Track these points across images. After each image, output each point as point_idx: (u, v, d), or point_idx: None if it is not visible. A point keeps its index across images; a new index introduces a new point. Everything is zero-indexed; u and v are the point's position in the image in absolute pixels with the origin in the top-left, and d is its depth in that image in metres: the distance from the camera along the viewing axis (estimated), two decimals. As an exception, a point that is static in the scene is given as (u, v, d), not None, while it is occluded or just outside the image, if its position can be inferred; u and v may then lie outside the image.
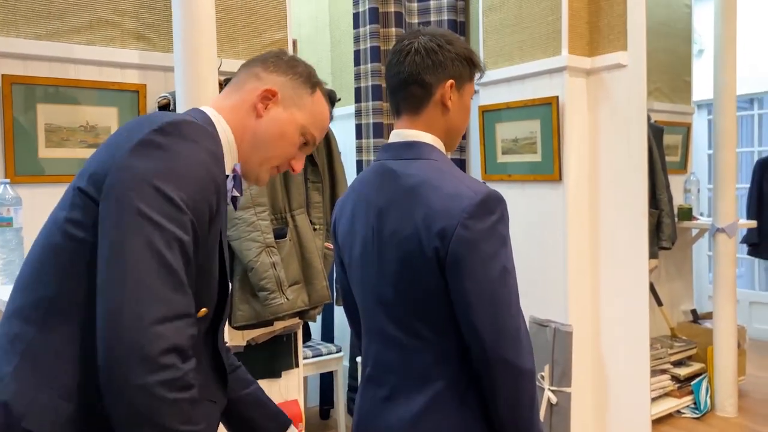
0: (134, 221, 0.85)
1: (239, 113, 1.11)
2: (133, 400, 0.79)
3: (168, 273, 0.85)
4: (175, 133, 0.93)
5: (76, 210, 0.92)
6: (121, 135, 0.95)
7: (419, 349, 1.19)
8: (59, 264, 0.93)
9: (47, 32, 1.94)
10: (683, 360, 3.58)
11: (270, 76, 1.13)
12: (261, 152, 1.13)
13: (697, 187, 4.00)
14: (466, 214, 1.10)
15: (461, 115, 1.28)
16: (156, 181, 0.87)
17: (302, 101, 1.15)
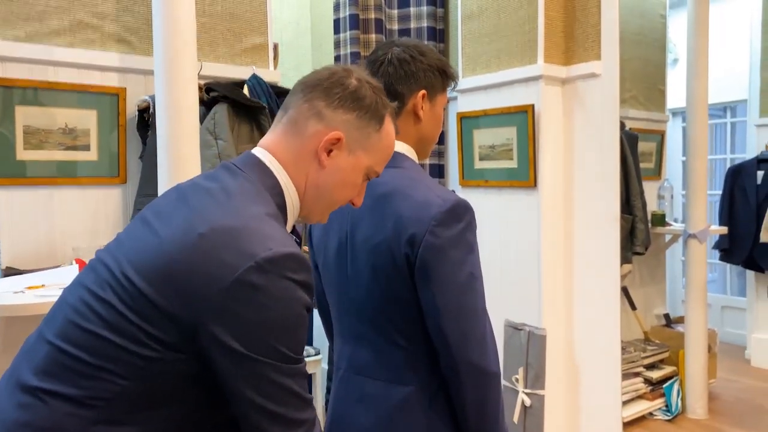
0: (258, 372, 0.88)
1: (302, 163, 1.01)
2: None
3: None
4: (275, 273, 0.87)
5: (143, 319, 0.88)
6: (208, 251, 0.87)
7: (390, 352, 1.22)
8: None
9: (26, 34, 1.94)
10: (656, 363, 3.65)
11: (335, 115, 1.01)
12: (324, 201, 1.06)
13: (670, 193, 4.08)
14: (435, 221, 1.14)
15: (433, 124, 1.32)
16: (260, 333, 0.87)
17: (369, 141, 1.05)
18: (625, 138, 3.61)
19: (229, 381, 0.89)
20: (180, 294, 0.86)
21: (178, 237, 0.89)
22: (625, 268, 3.75)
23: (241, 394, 0.88)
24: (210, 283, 0.85)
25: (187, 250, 0.87)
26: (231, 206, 0.92)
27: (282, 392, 0.90)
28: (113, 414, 0.89)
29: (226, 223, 0.89)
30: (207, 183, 0.97)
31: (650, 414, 3.42)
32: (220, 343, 0.86)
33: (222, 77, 2.29)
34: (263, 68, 2.42)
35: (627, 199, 3.57)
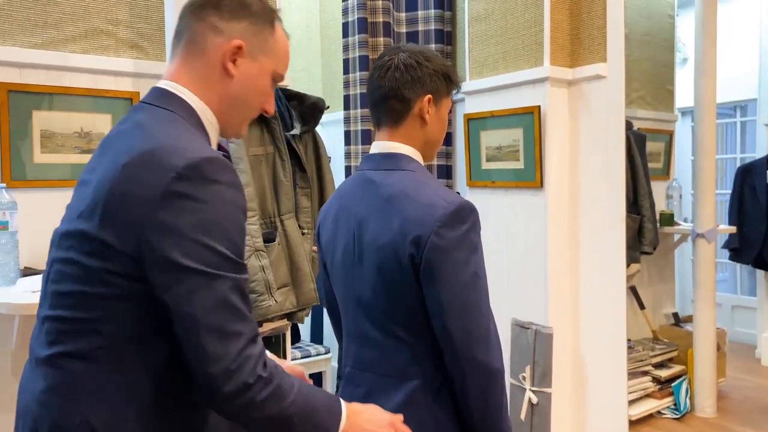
0: (194, 282, 0.91)
1: (209, 82, 1.06)
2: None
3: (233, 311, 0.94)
4: (196, 178, 0.92)
5: (94, 257, 0.94)
6: (132, 176, 0.93)
7: (396, 349, 1.26)
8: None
9: (43, 41, 1.99)
10: (664, 362, 3.66)
11: (230, 26, 1.05)
12: (239, 111, 1.10)
13: (679, 193, 4.09)
14: (440, 223, 1.18)
15: (438, 127, 1.36)
16: (197, 236, 0.91)
17: (267, 45, 1.10)
18: (633, 138, 3.63)
19: (169, 299, 0.92)
20: (119, 224, 0.92)
21: (106, 176, 0.95)
22: (634, 267, 3.77)
23: (180, 312, 0.92)
24: (141, 204, 0.91)
25: (115, 183, 0.93)
26: (146, 134, 0.97)
27: (220, 302, 0.92)
28: (116, 360, 0.96)
29: (143, 148, 0.94)
30: (121, 126, 1.03)
31: (658, 412, 3.44)
32: (159, 259, 0.91)
33: (233, 81, 2.33)
34: (273, 72, 2.46)
35: (635, 198, 3.58)
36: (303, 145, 2.41)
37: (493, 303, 2.78)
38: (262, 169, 2.28)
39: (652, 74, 3.96)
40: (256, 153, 2.26)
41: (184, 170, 0.92)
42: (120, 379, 0.96)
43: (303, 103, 2.41)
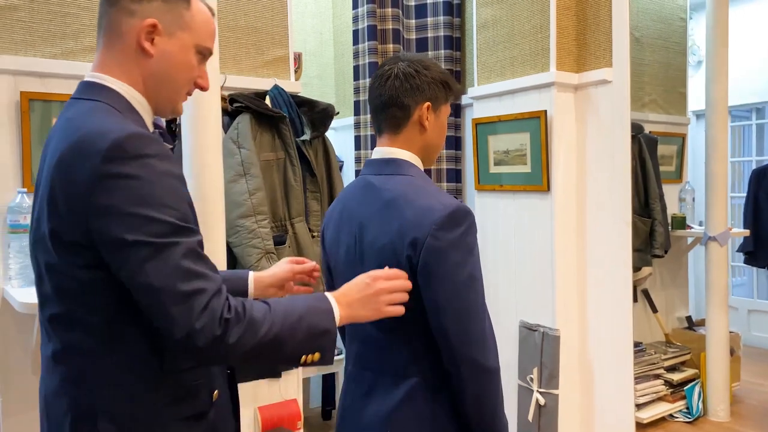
0: (143, 253, 0.94)
1: (130, 64, 1.07)
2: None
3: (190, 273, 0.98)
4: (122, 157, 0.95)
5: (57, 252, 1.00)
6: (65, 171, 0.96)
7: (395, 348, 1.30)
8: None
9: (63, 51, 2.08)
10: (677, 365, 3.66)
11: (142, 7, 1.07)
12: (166, 89, 1.12)
13: (692, 196, 4.08)
14: (436, 225, 1.22)
15: (438, 133, 1.40)
16: (136, 210, 0.94)
17: (184, 20, 1.10)
18: (644, 141, 3.64)
19: (125, 276, 0.96)
20: (66, 218, 0.97)
21: (45, 178, 1.00)
22: (645, 270, 3.77)
23: (135, 284, 0.96)
24: (78, 194, 0.95)
25: (53, 182, 0.97)
26: (72, 127, 1.00)
27: (173, 271, 0.95)
28: (110, 347, 1.02)
29: (69, 141, 0.97)
30: (55, 126, 1.06)
31: (671, 416, 3.43)
32: (107, 241, 0.95)
33: (245, 89, 2.40)
34: (284, 79, 2.53)
35: (646, 202, 3.59)
36: (313, 151, 2.47)
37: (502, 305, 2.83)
38: (273, 173, 2.34)
39: (664, 78, 3.97)
40: (267, 158, 2.32)
41: (108, 151, 0.94)
42: (118, 362, 1.02)
43: (313, 110, 2.47)
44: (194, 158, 1.87)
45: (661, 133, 3.88)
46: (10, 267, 1.96)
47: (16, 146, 2.00)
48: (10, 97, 1.99)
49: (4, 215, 1.97)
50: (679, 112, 4.06)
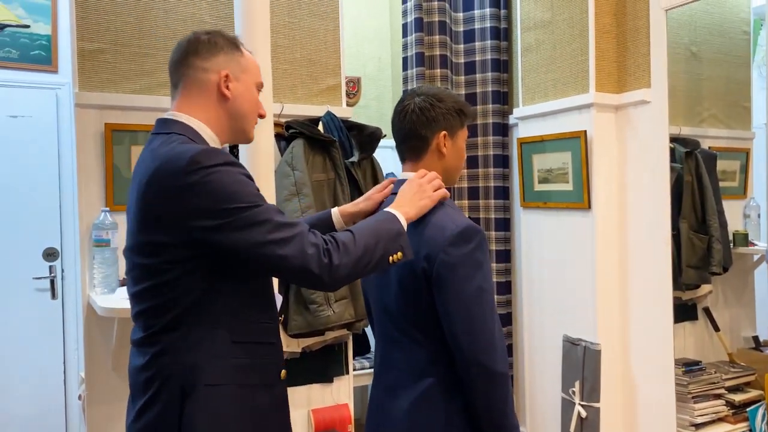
0: (242, 226, 1.20)
1: (210, 107, 1.35)
2: None
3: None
4: (198, 168, 1.20)
5: (155, 256, 1.26)
6: (154, 189, 1.22)
7: (415, 351, 1.45)
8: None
9: (140, 87, 2.36)
10: (740, 386, 3.57)
11: (213, 63, 1.35)
12: (242, 122, 1.40)
13: (757, 212, 3.97)
14: (447, 242, 1.37)
15: (456, 157, 1.55)
16: (224, 205, 1.20)
17: (242, 66, 1.39)
18: (701, 157, 3.60)
19: (232, 246, 1.21)
20: (163, 224, 1.22)
21: (136, 198, 1.26)
22: (704, 288, 3.70)
23: (246, 248, 1.21)
24: (170, 205, 1.21)
25: (145, 195, 1.23)
26: (154, 156, 1.26)
27: (266, 225, 1.21)
28: (195, 323, 1.27)
29: (156, 167, 1.23)
30: (140, 158, 1.32)
31: (732, 437, 3.36)
32: (205, 229, 1.20)
33: (301, 115, 2.62)
34: (336, 106, 2.74)
35: (703, 218, 3.54)
36: (362, 171, 2.66)
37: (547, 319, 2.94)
38: (324, 193, 2.55)
39: (725, 92, 3.90)
40: (318, 179, 2.53)
41: (187, 167, 1.19)
42: (204, 334, 1.27)
43: (362, 133, 2.67)
44: (249, 180, 2.09)
45: (722, 149, 3.81)
46: (95, 276, 2.25)
47: (100, 171, 2.30)
48: (97, 128, 2.28)
49: (90, 231, 2.26)
50: (743, 127, 3.97)
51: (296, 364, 2.62)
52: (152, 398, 1.27)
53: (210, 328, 1.28)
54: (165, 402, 1.26)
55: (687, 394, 3.30)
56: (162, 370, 1.27)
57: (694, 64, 3.72)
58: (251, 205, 1.22)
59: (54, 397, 3.33)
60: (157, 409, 1.27)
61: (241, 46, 1.42)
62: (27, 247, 3.27)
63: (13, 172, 3.24)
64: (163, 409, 1.26)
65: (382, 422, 1.50)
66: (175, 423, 1.25)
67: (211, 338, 1.28)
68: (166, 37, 2.40)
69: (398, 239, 1.34)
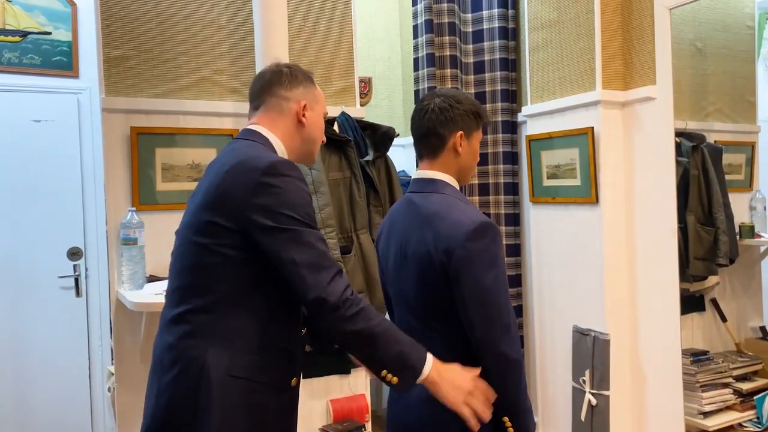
0: (288, 237, 1.35)
1: (288, 129, 1.56)
2: None
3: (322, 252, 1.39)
4: (275, 173, 1.37)
5: (210, 236, 1.40)
6: (232, 178, 1.39)
7: (432, 338, 1.54)
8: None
9: (163, 91, 2.46)
10: (747, 375, 3.64)
11: (293, 92, 1.57)
12: (311, 145, 1.62)
13: (763, 204, 4.03)
14: (465, 237, 1.45)
15: (471, 157, 1.64)
16: (283, 210, 1.35)
17: (316, 98, 1.61)
18: (706, 151, 3.67)
19: (272, 251, 1.35)
20: (227, 210, 1.37)
21: (213, 181, 1.41)
22: (712, 279, 3.77)
23: (282, 259, 1.35)
24: (241, 195, 1.36)
25: (220, 184, 1.39)
26: (238, 153, 1.44)
27: (308, 248, 1.35)
28: (227, 311, 1.39)
29: (237, 160, 1.41)
30: (221, 153, 1.51)
31: (740, 425, 3.43)
32: (258, 226, 1.35)
33: (316, 116, 2.71)
34: (351, 106, 2.83)
35: (709, 211, 3.61)
36: (376, 170, 2.75)
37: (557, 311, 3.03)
38: (340, 191, 2.64)
39: (730, 87, 3.96)
40: (335, 177, 2.62)
41: (267, 169, 1.37)
42: (232, 324, 1.39)
43: (375, 133, 2.76)
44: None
45: (728, 142, 3.88)
46: (123, 273, 2.35)
47: (127, 172, 2.40)
48: (123, 131, 2.38)
49: (118, 230, 2.36)
50: (748, 121, 4.03)
51: (315, 357, 2.71)
52: (175, 379, 1.39)
53: (239, 321, 1.39)
54: (186, 385, 1.38)
55: (695, 383, 3.38)
56: (187, 351, 1.39)
57: (699, 59, 3.79)
58: (305, 222, 1.37)
59: (79, 390, 3.45)
60: (180, 391, 1.39)
61: (314, 81, 1.64)
62: (52, 247, 3.38)
63: (38, 173, 3.35)
64: (183, 391, 1.38)
65: (403, 408, 1.59)
66: (191, 406, 1.37)
67: (236, 331, 1.38)
68: (186, 42, 2.50)
69: (406, 370, 1.41)
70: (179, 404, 1.39)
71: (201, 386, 1.36)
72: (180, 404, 1.38)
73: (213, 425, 1.35)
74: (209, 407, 1.35)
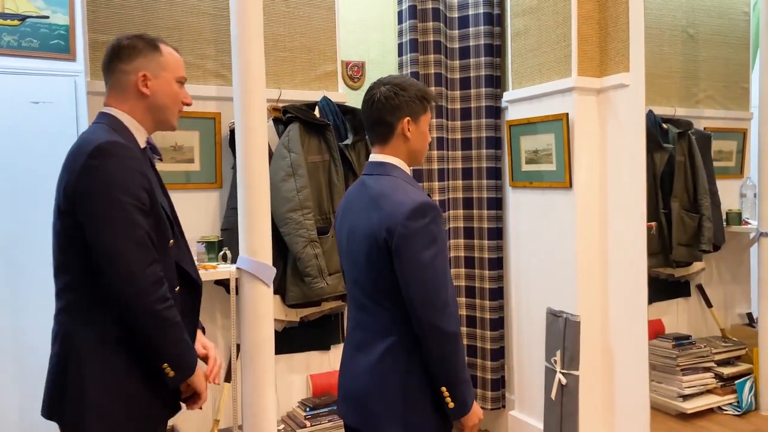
0: (104, 223, 1.43)
1: (131, 103, 1.59)
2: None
3: (142, 247, 1.46)
4: (103, 154, 1.44)
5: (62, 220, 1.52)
6: (68, 161, 1.48)
7: (380, 313, 1.63)
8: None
9: (147, 76, 2.55)
10: (731, 360, 3.69)
11: (132, 64, 1.58)
12: (162, 113, 1.63)
13: (753, 191, 4.04)
14: (405, 216, 1.53)
15: (420, 140, 1.71)
16: (106, 191, 1.42)
17: (161, 64, 1.61)
18: (695, 137, 3.69)
19: (88, 232, 1.43)
20: (65, 194, 1.46)
21: (62, 167, 1.52)
22: (696, 265, 3.81)
23: (96, 245, 1.44)
24: (71, 178, 1.45)
25: (63, 167, 1.50)
26: (81, 137, 1.53)
27: (125, 236, 1.43)
28: (85, 290, 1.49)
29: (76, 145, 1.50)
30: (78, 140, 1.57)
31: (719, 408, 3.49)
32: (83, 211, 1.44)
33: (299, 101, 2.78)
34: (333, 91, 2.90)
35: (695, 197, 3.64)
36: (356, 153, 2.82)
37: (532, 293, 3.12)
38: (319, 173, 2.72)
39: (722, 73, 3.96)
40: (314, 160, 2.70)
41: (92, 152, 1.44)
42: (92, 301, 1.48)
43: (356, 117, 2.83)
44: (244, 161, 2.28)
45: (719, 129, 3.89)
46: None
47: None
48: (107, 114, 2.48)
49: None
50: (741, 107, 4.03)
51: (295, 333, 2.82)
52: (57, 354, 1.52)
53: (100, 294, 1.47)
54: (63, 357, 1.49)
55: (675, 367, 3.44)
56: (61, 326, 1.52)
57: (690, 45, 3.80)
58: (130, 204, 1.43)
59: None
60: (60, 365, 1.50)
61: (161, 46, 1.63)
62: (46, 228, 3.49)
63: (35, 154, 3.47)
64: (62, 364, 1.50)
65: (353, 375, 1.69)
66: (63, 379, 1.49)
67: (99, 304, 1.48)
68: (170, 27, 2.58)
69: (182, 367, 1.54)
70: (56, 378, 1.51)
71: (71, 358, 1.48)
72: (56, 378, 1.51)
73: (84, 396, 1.46)
74: (77, 378, 1.47)
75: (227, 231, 2.58)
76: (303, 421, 2.66)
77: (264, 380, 2.33)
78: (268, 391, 2.34)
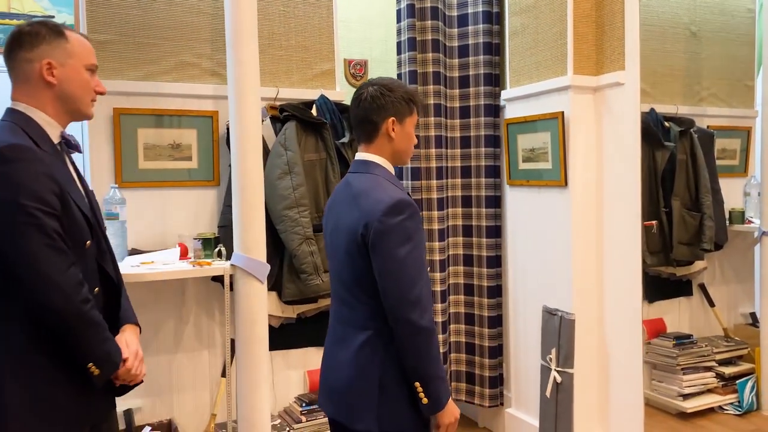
0: (17, 228, 1.38)
1: (38, 95, 1.49)
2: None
3: (57, 251, 1.40)
4: (3, 159, 1.37)
5: None
6: None
7: (358, 307, 1.66)
8: None
9: (144, 74, 2.58)
10: (732, 359, 3.67)
11: (36, 54, 1.48)
12: (73, 102, 1.54)
13: (757, 190, 4.01)
14: (381, 213, 1.57)
15: (405, 140, 1.73)
16: (7, 196, 1.37)
17: (68, 51, 1.51)
18: (697, 135, 3.66)
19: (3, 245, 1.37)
20: None
21: None
22: (698, 264, 3.79)
23: (12, 251, 1.37)
24: None
25: None
26: None
27: (36, 241, 1.38)
28: (11, 294, 1.42)
29: None
30: None
31: (720, 407, 3.47)
32: None
33: (296, 99, 2.80)
34: (330, 89, 2.92)
35: (696, 196, 3.62)
36: (353, 151, 2.83)
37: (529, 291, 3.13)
38: (315, 171, 2.75)
39: (726, 71, 3.94)
40: (310, 158, 2.73)
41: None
42: (14, 303, 1.43)
43: (352, 115, 2.84)
44: (239, 158, 2.30)
45: (722, 127, 3.86)
46: (105, 246, 2.49)
47: (109, 151, 2.54)
48: (106, 112, 2.52)
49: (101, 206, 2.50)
50: (745, 105, 4.00)
51: (292, 329, 2.85)
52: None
53: (7, 325, 1.43)
54: None
55: (676, 366, 3.43)
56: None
57: (693, 43, 3.77)
58: (36, 209, 1.37)
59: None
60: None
61: (66, 32, 1.53)
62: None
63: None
64: None
65: (333, 367, 1.73)
66: None
67: (8, 314, 1.43)
68: (167, 27, 2.62)
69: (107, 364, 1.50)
70: None
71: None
72: None
73: (7, 410, 1.41)
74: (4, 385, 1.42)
75: (224, 228, 2.61)
76: (299, 416, 2.69)
77: (258, 375, 2.36)
78: (263, 386, 2.37)
